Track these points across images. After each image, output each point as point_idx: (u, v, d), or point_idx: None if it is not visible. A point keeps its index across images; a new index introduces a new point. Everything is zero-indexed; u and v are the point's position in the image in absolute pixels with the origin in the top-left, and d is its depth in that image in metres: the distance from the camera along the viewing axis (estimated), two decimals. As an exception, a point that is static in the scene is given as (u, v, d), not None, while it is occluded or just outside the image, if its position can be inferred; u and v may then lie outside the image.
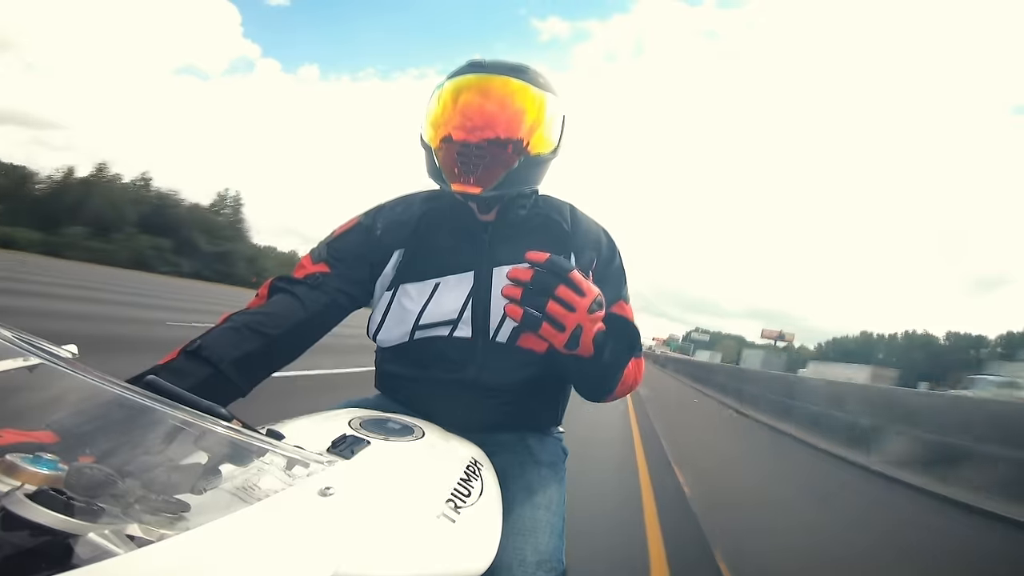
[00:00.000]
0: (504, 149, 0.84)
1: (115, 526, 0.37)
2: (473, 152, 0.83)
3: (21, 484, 0.37)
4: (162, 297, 15.11)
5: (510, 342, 0.89)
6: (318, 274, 0.88)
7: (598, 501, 3.05)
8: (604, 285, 0.92)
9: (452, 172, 0.85)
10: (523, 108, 0.85)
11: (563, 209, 0.98)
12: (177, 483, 0.43)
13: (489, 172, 0.83)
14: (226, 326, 0.79)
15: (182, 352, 0.74)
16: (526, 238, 0.91)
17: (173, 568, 0.36)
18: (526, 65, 0.89)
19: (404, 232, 0.92)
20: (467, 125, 0.84)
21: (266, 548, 0.41)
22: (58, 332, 1.44)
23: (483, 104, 0.84)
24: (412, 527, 0.56)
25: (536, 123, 0.86)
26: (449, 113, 0.85)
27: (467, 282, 0.90)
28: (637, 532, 2.74)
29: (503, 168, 0.84)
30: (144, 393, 0.48)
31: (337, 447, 0.59)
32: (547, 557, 0.76)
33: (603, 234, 0.99)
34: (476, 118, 0.84)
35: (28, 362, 0.51)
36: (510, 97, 0.85)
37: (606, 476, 3.83)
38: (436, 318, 0.89)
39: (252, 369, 0.78)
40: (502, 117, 0.84)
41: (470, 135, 0.83)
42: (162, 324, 8.07)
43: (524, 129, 0.85)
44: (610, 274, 0.95)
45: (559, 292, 0.70)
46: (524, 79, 0.86)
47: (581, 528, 1.51)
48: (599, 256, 0.95)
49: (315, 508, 0.47)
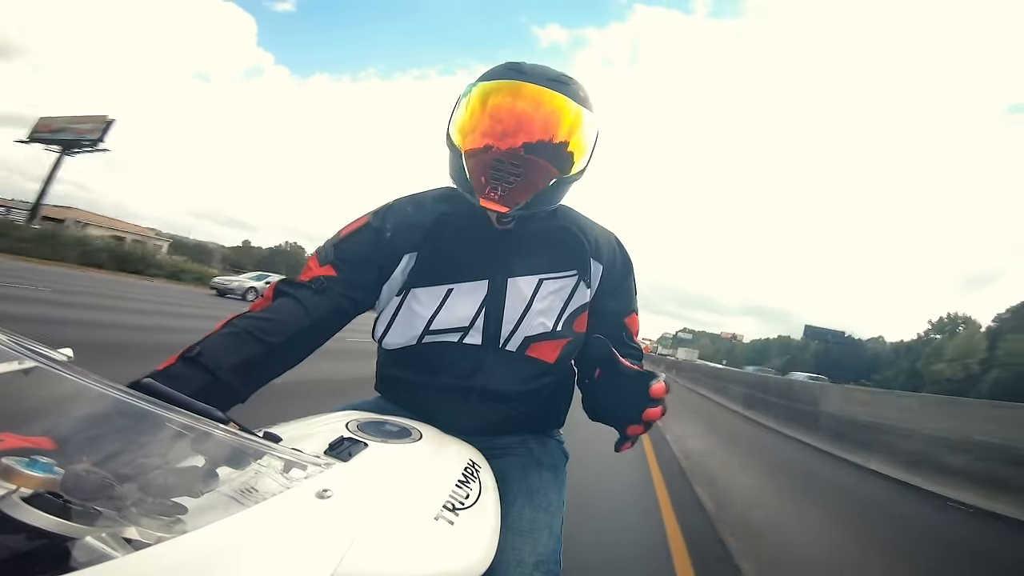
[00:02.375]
0: (538, 167, 0.80)
1: (112, 529, 0.37)
2: (507, 167, 0.79)
3: (17, 488, 0.37)
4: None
5: (520, 351, 0.89)
6: (323, 278, 0.85)
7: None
8: (617, 298, 0.95)
9: (480, 183, 0.80)
10: (563, 126, 0.80)
11: (580, 222, 0.95)
12: (174, 486, 0.43)
13: (519, 189, 0.80)
14: (226, 331, 0.78)
15: (180, 358, 0.73)
16: (542, 250, 0.91)
17: (170, 571, 0.36)
18: (569, 76, 0.84)
19: (415, 235, 0.89)
20: (502, 135, 0.79)
21: (264, 550, 0.41)
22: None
23: (522, 116, 0.79)
24: (410, 529, 0.55)
25: (573, 143, 0.82)
26: (484, 119, 0.81)
27: (481, 290, 0.88)
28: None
29: (534, 187, 0.80)
30: (140, 396, 0.48)
31: (334, 450, 0.59)
32: (545, 558, 0.76)
33: (618, 248, 0.98)
34: (512, 130, 0.79)
35: (23, 365, 0.51)
36: (552, 113, 0.80)
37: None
38: (447, 324, 0.88)
39: (251, 375, 0.77)
40: (540, 134, 0.79)
41: (504, 146, 0.79)
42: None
43: (560, 148, 0.81)
44: (625, 287, 0.97)
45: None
46: (566, 93, 0.81)
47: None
48: (614, 270, 0.95)
49: (313, 510, 0.47)
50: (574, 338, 0.92)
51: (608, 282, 0.94)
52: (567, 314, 0.90)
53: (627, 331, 0.96)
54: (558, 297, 0.90)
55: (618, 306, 0.95)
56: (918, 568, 2.25)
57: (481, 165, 0.80)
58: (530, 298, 0.89)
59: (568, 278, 0.91)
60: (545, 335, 0.89)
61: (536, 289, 0.89)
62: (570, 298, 0.91)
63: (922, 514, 2.86)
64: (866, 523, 2.78)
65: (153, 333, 6.53)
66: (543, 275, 0.90)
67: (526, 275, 0.90)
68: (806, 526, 2.86)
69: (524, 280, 0.89)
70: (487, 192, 0.80)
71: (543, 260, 0.91)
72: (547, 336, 0.89)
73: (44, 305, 7.21)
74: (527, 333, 0.89)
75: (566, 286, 0.91)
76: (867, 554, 2.42)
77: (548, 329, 0.89)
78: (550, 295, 0.90)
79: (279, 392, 1.05)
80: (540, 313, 0.89)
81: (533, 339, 0.89)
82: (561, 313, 0.90)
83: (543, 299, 0.89)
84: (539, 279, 0.90)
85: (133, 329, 6.78)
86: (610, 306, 0.94)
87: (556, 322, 0.90)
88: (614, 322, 0.95)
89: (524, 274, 0.90)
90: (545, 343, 0.90)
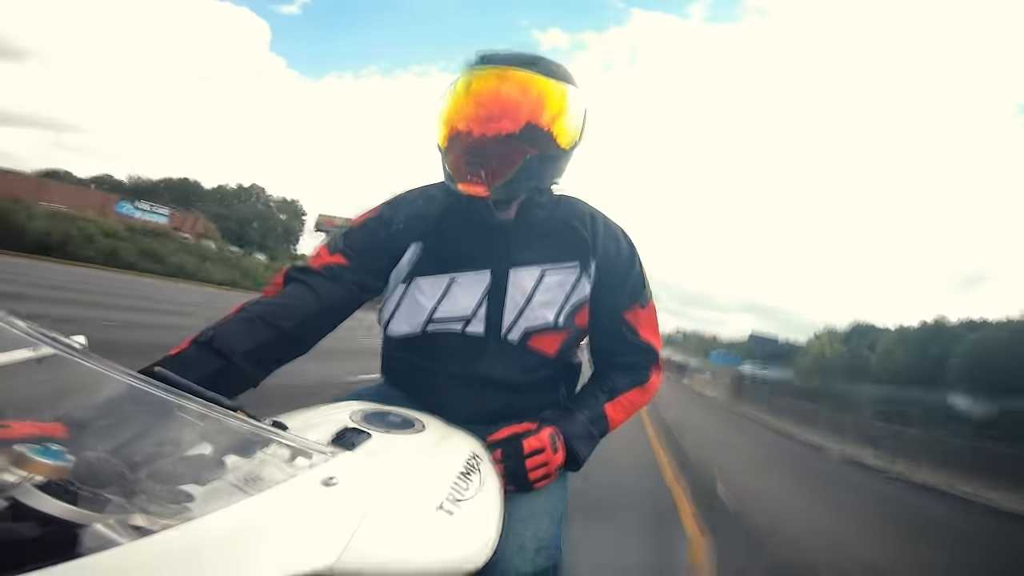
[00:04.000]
0: (514, 143, 0.80)
1: (120, 516, 0.38)
2: (481, 148, 0.80)
3: (30, 475, 0.38)
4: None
5: (522, 342, 0.89)
6: (334, 265, 0.87)
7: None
8: (620, 292, 0.93)
9: (460, 170, 0.82)
10: (532, 99, 0.81)
11: (583, 213, 0.94)
12: (182, 474, 0.44)
13: (499, 169, 0.80)
14: (239, 316, 0.79)
15: (193, 342, 0.74)
16: (545, 241, 0.90)
17: (177, 558, 0.37)
18: (538, 56, 0.85)
19: (422, 226, 0.90)
20: (475, 118, 0.81)
21: (270, 537, 0.42)
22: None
23: (491, 98, 0.81)
24: (413, 518, 0.56)
25: (549, 114, 0.82)
26: (457, 108, 0.82)
27: (483, 280, 0.89)
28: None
29: (513, 164, 0.80)
30: (151, 383, 0.49)
31: (339, 439, 0.60)
32: (546, 543, 0.77)
33: (624, 241, 0.96)
34: (483, 112, 0.80)
35: (38, 352, 0.52)
36: (519, 89, 0.81)
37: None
38: (450, 313, 0.89)
39: (264, 360, 0.78)
40: (510, 110, 0.80)
41: (476, 129, 0.80)
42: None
43: (533, 120, 0.81)
44: (627, 281, 0.94)
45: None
46: (536, 70, 0.82)
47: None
48: (617, 266, 0.93)
49: (318, 498, 0.47)
50: (575, 332, 0.92)
51: (607, 276, 0.91)
52: (568, 307, 0.90)
53: (627, 326, 0.94)
54: (560, 289, 0.90)
55: (617, 301, 0.93)
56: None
57: (457, 153, 0.82)
58: (532, 289, 0.88)
59: (570, 269, 0.90)
60: (546, 328, 0.89)
61: (539, 280, 0.89)
62: (572, 290, 0.90)
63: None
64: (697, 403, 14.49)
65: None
66: (545, 266, 0.89)
67: (528, 266, 0.89)
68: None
69: (526, 271, 0.89)
70: (467, 177, 0.81)
71: (545, 251, 0.90)
72: (548, 329, 0.89)
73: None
74: (528, 325, 0.88)
75: (568, 278, 0.90)
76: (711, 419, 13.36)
77: (549, 322, 0.89)
78: (553, 287, 0.89)
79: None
80: (542, 305, 0.88)
81: (534, 331, 0.89)
82: (563, 306, 0.89)
83: (545, 291, 0.89)
84: (542, 270, 0.89)
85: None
86: (608, 301, 0.92)
87: (558, 315, 0.89)
88: (613, 317, 0.93)
89: (526, 264, 0.89)
90: (546, 335, 0.90)
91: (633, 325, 0.95)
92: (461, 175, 0.82)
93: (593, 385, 0.98)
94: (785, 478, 7.17)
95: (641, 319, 0.95)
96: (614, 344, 0.96)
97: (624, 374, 0.97)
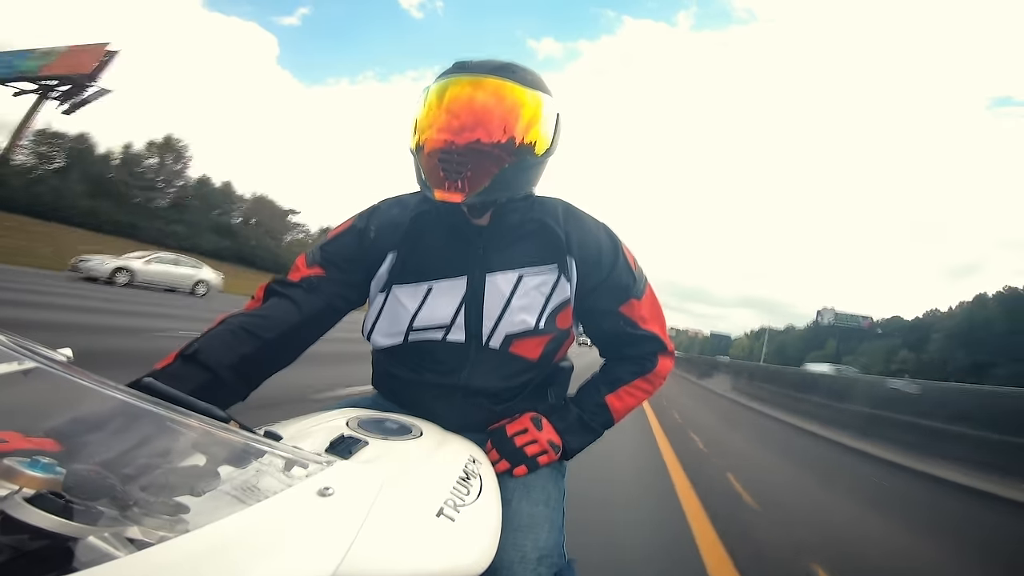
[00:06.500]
0: (489, 152, 0.80)
1: (114, 529, 0.37)
2: (456, 156, 0.79)
3: (19, 488, 0.37)
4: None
5: (503, 348, 0.89)
6: (312, 277, 0.88)
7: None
8: (608, 288, 0.92)
9: (435, 177, 0.81)
10: (507, 108, 0.80)
11: (557, 212, 0.93)
12: (176, 485, 0.43)
13: (474, 177, 0.79)
14: (222, 328, 0.79)
15: (179, 356, 0.74)
16: (520, 245, 0.89)
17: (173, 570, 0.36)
18: (513, 63, 0.84)
19: (397, 234, 0.90)
20: (449, 127, 0.80)
21: (266, 549, 0.41)
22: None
23: (465, 105, 0.80)
24: (412, 526, 0.56)
25: (524, 123, 0.81)
26: (432, 115, 0.81)
27: (460, 287, 0.88)
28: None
29: (489, 173, 0.80)
30: (141, 396, 0.48)
31: (335, 447, 0.59)
32: (548, 552, 0.76)
33: (603, 235, 0.94)
34: (457, 120, 0.79)
35: (23, 366, 0.51)
36: (493, 97, 0.80)
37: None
38: (430, 322, 0.89)
39: (249, 373, 0.78)
40: (485, 118, 0.79)
41: (452, 137, 0.79)
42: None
43: (509, 129, 0.80)
44: (614, 277, 0.92)
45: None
46: (510, 78, 0.81)
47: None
48: (599, 262, 0.91)
49: (314, 508, 0.46)
50: (558, 334, 0.91)
51: (589, 273, 0.90)
52: (549, 309, 0.89)
53: (625, 320, 0.94)
54: (539, 292, 0.89)
55: (607, 297, 0.92)
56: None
57: (433, 160, 0.81)
58: (509, 294, 0.88)
59: (549, 271, 0.89)
60: (527, 332, 0.88)
61: (516, 284, 0.88)
62: (552, 292, 0.89)
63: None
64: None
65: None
66: (523, 269, 0.89)
67: (504, 270, 0.88)
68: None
69: (503, 276, 0.88)
70: (442, 185, 0.80)
71: (521, 254, 0.89)
72: (529, 334, 0.88)
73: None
74: (508, 330, 0.88)
75: (547, 280, 0.89)
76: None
77: (530, 327, 0.88)
78: (532, 290, 0.88)
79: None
80: (521, 309, 0.88)
81: (515, 336, 0.88)
82: (544, 308, 0.89)
83: (524, 295, 0.88)
84: (519, 274, 0.88)
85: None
86: (598, 298, 0.91)
87: (539, 319, 0.88)
88: (607, 314, 0.93)
89: (502, 269, 0.88)
90: (528, 340, 0.89)
91: (631, 318, 0.94)
92: (437, 182, 0.80)
93: (597, 377, 0.99)
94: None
95: (638, 310, 0.94)
96: (616, 339, 0.97)
97: (628, 364, 0.97)
